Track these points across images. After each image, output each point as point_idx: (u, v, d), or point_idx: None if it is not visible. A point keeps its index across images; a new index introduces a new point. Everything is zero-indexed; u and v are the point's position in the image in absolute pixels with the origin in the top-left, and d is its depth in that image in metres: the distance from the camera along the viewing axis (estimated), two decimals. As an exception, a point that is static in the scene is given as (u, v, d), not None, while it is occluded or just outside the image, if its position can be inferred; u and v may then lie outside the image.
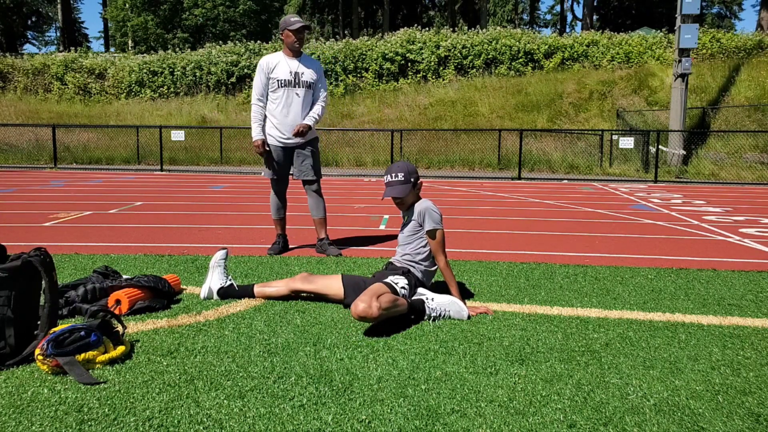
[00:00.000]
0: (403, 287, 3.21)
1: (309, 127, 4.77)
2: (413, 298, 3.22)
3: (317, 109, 4.84)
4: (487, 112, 20.42)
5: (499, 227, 6.59)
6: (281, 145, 4.81)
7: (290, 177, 5.05)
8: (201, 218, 6.87)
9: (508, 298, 3.62)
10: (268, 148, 4.82)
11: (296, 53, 4.76)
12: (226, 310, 3.27)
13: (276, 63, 4.72)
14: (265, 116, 4.82)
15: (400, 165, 3.44)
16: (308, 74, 4.76)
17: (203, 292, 3.51)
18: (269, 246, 5.08)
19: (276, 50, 23.66)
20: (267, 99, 4.78)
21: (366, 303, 2.86)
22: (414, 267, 3.40)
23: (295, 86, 4.72)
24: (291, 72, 4.71)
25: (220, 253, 3.57)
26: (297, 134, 4.72)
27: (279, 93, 4.72)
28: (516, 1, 56.82)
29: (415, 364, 2.53)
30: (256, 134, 4.78)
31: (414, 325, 3.06)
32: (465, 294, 3.65)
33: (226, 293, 3.49)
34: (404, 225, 3.50)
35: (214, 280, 3.51)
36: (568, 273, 4.32)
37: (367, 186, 11.32)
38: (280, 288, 3.47)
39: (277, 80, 4.70)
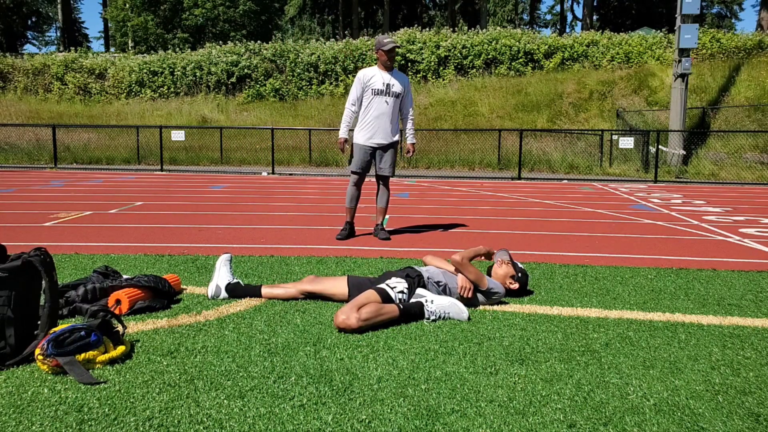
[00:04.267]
0: (400, 291, 3.20)
1: (414, 146, 5.85)
2: (412, 300, 3.20)
3: (411, 124, 5.77)
4: (487, 112, 20.43)
5: (499, 227, 6.59)
6: (369, 147, 5.60)
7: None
8: (201, 218, 6.87)
9: (508, 298, 3.62)
10: (349, 146, 5.71)
11: (388, 68, 5.53)
12: (226, 310, 3.27)
13: (372, 75, 5.53)
14: (356, 119, 5.69)
15: None
16: (397, 86, 5.56)
17: (210, 290, 3.50)
18: (338, 232, 5.78)
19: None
20: (360, 105, 5.60)
21: (345, 314, 2.91)
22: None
23: (385, 95, 5.52)
24: (384, 83, 5.51)
25: (226, 255, 3.61)
26: (409, 154, 5.82)
27: (373, 100, 5.53)
28: (516, 1, 56.81)
29: (415, 364, 2.53)
30: (341, 133, 5.66)
31: (414, 325, 3.06)
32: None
33: (234, 289, 3.49)
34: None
35: (222, 276, 3.52)
36: (568, 273, 4.32)
37: (366, 185, 11.29)
38: (289, 290, 3.49)
39: (372, 89, 5.51)
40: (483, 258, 3.70)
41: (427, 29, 25.29)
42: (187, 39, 33.75)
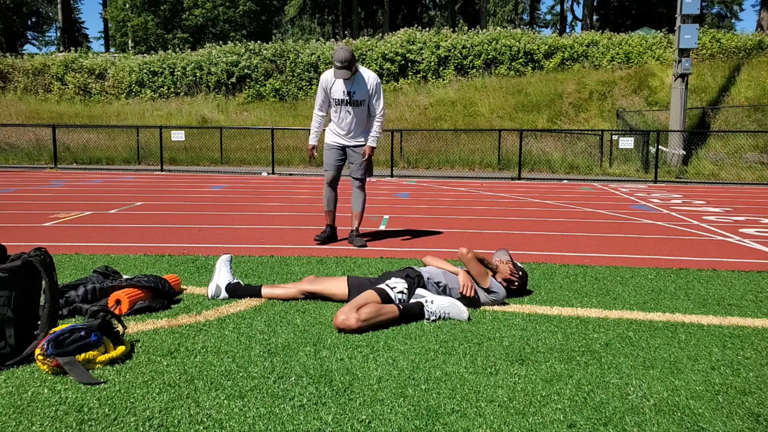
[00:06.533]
0: (400, 292, 3.20)
1: (373, 149, 5.37)
2: (411, 301, 3.20)
3: (376, 127, 5.33)
4: (487, 112, 20.42)
5: (499, 227, 6.59)
6: (337, 145, 5.39)
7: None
8: (201, 218, 6.87)
9: (508, 298, 3.62)
10: (316, 153, 5.52)
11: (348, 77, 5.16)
12: (226, 310, 3.27)
13: (333, 82, 5.22)
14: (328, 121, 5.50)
15: None
16: (360, 93, 5.20)
17: (210, 290, 3.50)
18: (317, 235, 5.57)
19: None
20: (326, 110, 5.39)
21: (345, 315, 2.91)
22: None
23: (348, 104, 5.23)
24: (344, 92, 5.20)
25: (226, 256, 3.62)
26: (364, 157, 5.33)
27: (335, 109, 5.31)
28: (516, 1, 56.80)
29: (415, 364, 2.53)
30: (309, 140, 5.50)
31: (414, 325, 3.06)
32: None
33: (234, 289, 3.49)
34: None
35: (222, 276, 3.52)
36: (568, 273, 4.32)
37: (366, 185, 11.28)
38: (289, 290, 3.49)
39: (333, 99, 5.27)
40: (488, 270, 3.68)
41: (427, 29, 25.28)
42: (187, 39, 33.73)
